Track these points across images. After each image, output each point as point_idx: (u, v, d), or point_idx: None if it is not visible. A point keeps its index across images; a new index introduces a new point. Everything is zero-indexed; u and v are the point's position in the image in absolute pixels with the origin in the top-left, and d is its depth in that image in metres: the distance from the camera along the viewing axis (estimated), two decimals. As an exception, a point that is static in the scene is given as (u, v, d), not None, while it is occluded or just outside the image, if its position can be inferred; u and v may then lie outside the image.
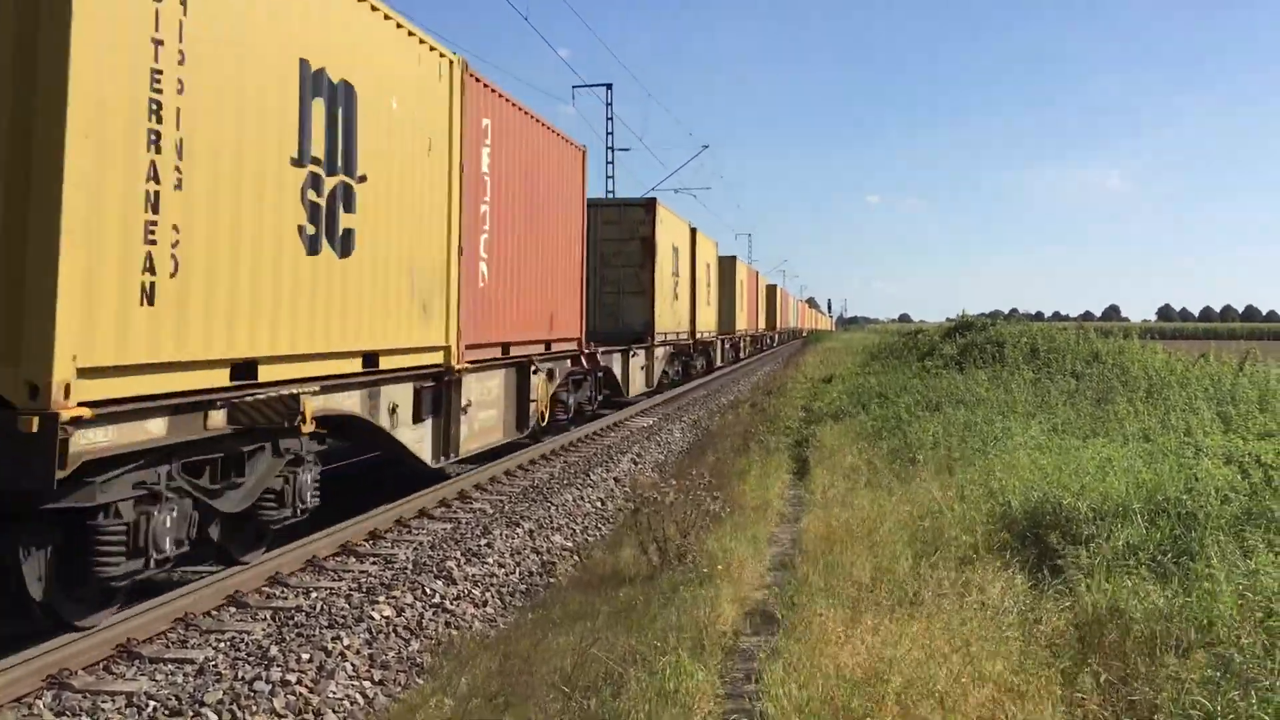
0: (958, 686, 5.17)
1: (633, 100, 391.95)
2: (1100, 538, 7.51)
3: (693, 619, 6.81)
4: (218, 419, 7.71)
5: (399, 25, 10.56)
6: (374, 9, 10.00)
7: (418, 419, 11.36)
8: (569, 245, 17.63)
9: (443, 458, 12.14)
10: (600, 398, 20.43)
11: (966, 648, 5.67)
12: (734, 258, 44.62)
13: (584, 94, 74.92)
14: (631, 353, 22.52)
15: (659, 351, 25.73)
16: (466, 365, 12.48)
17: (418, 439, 11.43)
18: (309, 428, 8.55)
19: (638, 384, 23.32)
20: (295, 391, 8.33)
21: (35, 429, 5.94)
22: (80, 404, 6.18)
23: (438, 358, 11.78)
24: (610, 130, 41.88)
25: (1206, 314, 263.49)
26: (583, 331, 18.39)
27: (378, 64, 10.07)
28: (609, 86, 41.18)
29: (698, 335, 32.16)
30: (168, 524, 7.18)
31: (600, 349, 19.54)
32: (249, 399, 7.90)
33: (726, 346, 43.09)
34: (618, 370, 21.18)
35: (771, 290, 73.66)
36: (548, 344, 16.33)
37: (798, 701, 5.14)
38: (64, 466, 6.11)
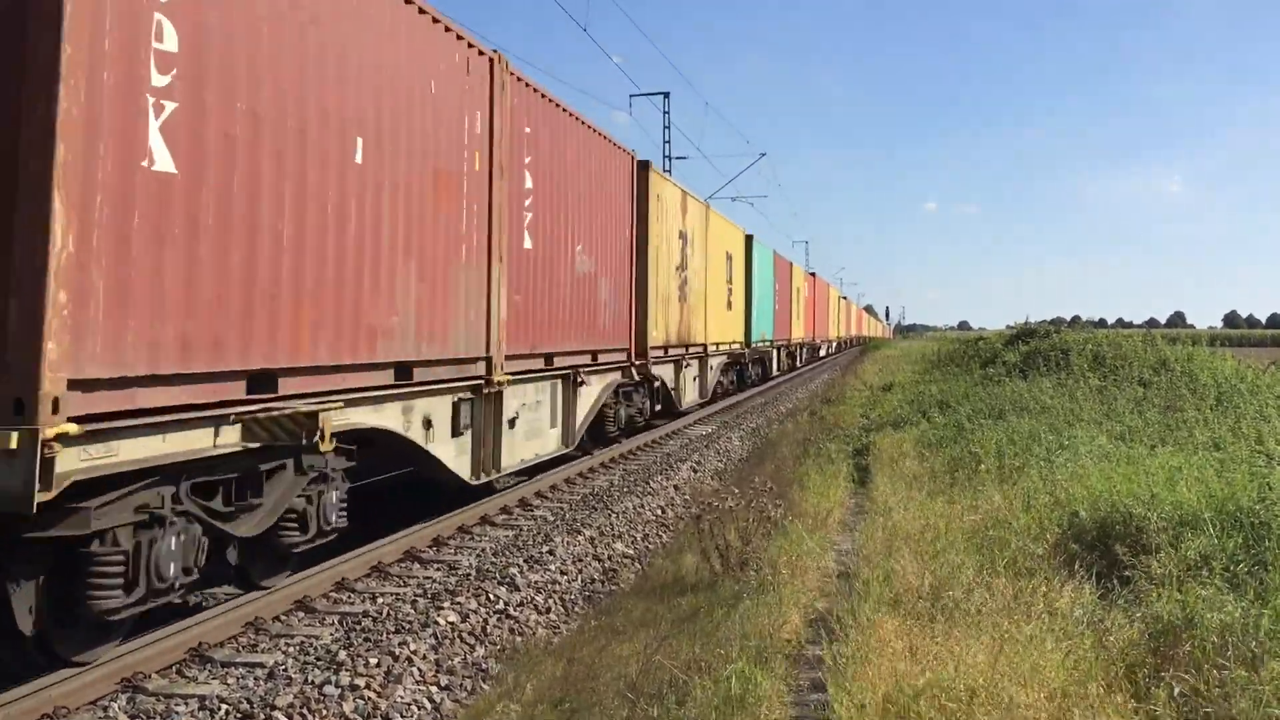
0: (1026, 698, 5.10)
1: (689, 108, 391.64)
2: (1171, 547, 7.38)
3: (756, 627, 6.80)
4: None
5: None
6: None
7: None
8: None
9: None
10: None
11: (1035, 658, 5.60)
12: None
13: (640, 102, 75.05)
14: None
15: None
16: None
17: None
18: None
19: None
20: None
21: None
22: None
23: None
24: (667, 139, 42.04)
25: (1274, 320, 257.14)
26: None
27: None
28: (666, 95, 41.25)
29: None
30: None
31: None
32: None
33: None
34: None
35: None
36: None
37: (864, 714, 5.11)
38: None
